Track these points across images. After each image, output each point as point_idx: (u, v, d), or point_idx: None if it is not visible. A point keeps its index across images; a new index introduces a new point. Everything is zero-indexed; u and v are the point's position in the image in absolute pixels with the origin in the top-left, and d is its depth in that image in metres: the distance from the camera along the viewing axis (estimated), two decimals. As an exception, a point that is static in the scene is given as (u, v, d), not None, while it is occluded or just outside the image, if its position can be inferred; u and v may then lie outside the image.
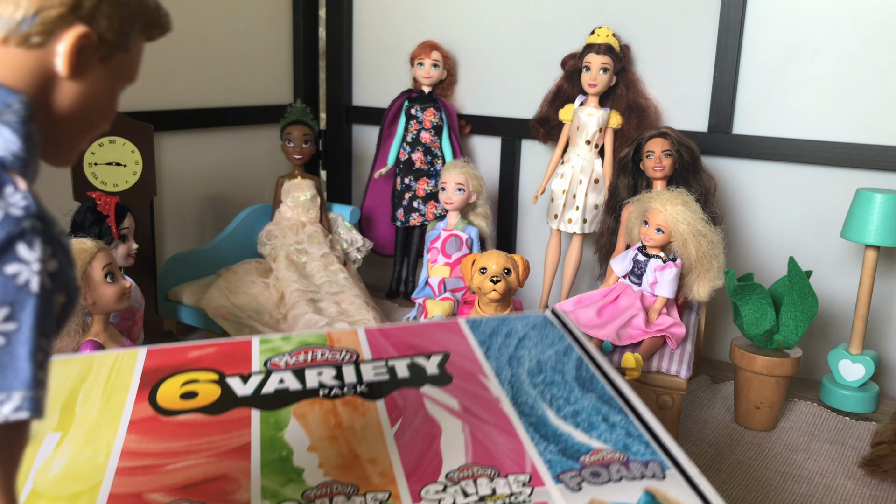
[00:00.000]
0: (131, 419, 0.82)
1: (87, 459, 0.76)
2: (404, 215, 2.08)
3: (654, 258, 1.43)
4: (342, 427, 0.81)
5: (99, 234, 1.42)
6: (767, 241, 1.79)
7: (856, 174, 1.67)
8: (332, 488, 0.72)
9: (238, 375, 0.89)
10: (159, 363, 0.91)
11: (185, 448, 0.78)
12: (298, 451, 0.78)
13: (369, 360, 0.94)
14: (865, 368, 1.52)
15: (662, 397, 1.39)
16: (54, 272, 0.46)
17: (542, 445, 0.80)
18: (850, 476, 1.27)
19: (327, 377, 0.90)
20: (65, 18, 0.48)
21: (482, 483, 0.74)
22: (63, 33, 0.48)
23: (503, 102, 2.09)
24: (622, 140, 1.82)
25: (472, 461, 0.77)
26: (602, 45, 1.77)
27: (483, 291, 1.35)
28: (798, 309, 1.41)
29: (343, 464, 0.76)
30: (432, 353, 0.96)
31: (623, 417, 0.85)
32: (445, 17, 2.14)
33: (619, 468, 0.76)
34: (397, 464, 0.76)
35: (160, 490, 0.72)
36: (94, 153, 1.55)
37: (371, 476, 0.74)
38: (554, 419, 0.84)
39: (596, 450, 0.79)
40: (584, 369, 0.94)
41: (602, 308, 1.44)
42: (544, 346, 0.99)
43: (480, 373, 0.93)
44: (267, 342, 0.96)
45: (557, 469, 0.76)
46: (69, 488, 0.72)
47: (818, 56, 1.68)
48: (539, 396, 0.88)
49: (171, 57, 1.94)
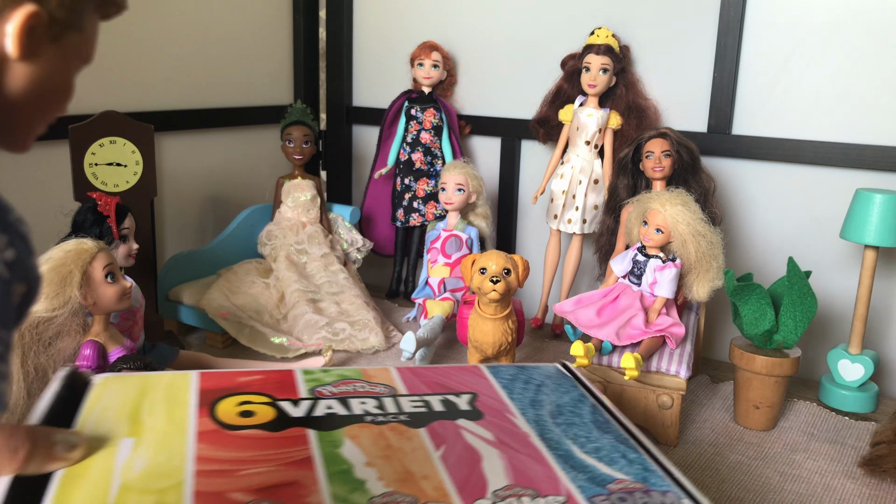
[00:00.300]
0: (198, 431, 0.88)
1: (165, 462, 0.82)
2: (404, 215, 2.08)
3: (653, 258, 1.43)
4: (392, 448, 0.89)
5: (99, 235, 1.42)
6: (767, 241, 1.80)
7: (855, 174, 1.67)
8: (395, 497, 0.79)
9: (288, 400, 0.98)
10: (212, 385, 0.99)
11: (253, 458, 0.84)
12: (357, 466, 0.84)
13: (405, 394, 1.03)
14: (865, 368, 1.52)
15: (662, 397, 1.39)
16: (11, 261, 0.43)
17: (572, 474, 0.87)
18: (850, 476, 1.27)
19: (370, 406, 0.98)
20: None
21: (525, 501, 0.81)
22: (11, 13, 0.45)
23: (503, 103, 2.09)
24: (622, 140, 1.82)
25: (513, 483, 0.84)
26: (602, 45, 1.77)
27: (483, 291, 1.35)
28: (797, 309, 1.41)
29: (399, 478, 0.83)
30: (461, 392, 1.06)
31: (639, 455, 0.93)
32: (445, 17, 2.14)
33: (641, 495, 0.85)
34: (448, 481, 0.83)
35: (240, 490, 0.77)
36: (95, 154, 1.55)
37: (426, 490, 0.81)
38: (579, 453, 0.92)
39: (620, 479, 0.87)
40: (599, 414, 1.04)
41: (602, 308, 1.44)
42: (560, 393, 1.09)
43: (507, 412, 1.01)
44: (309, 373, 1.05)
45: (588, 493, 0.83)
46: (155, 483, 0.78)
47: (818, 57, 1.68)
48: (563, 434, 0.97)
49: (172, 57, 1.95)
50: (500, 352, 1.41)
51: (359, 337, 1.71)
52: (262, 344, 1.66)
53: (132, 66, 1.85)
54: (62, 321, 1.14)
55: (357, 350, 1.69)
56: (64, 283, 1.14)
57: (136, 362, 1.15)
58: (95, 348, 1.17)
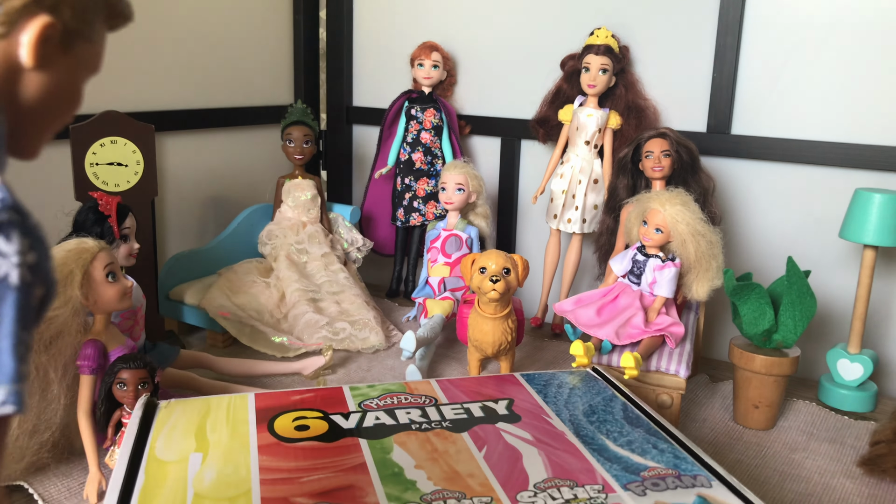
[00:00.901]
0: (259, 444, 0.97)
1: (231, 473, 0.90)
2: (404, 215, 2.09)
3: (653, 258, 1.43)
4: (438, 452, 0.97)
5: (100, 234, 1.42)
6: (766, 240, 1.80)
7: (854, 174, 1.68)
8: (444, 494, 0.87)
9: (339, 414, 1.07)
10: (268, 404, 1.09)
11: (311, 466, 0.93)
12: (407, 469, 0.93)
13: (446, 403, 1.12)
14: (864, 368, 1.52)
15: (661, 396, 1.39)
16: (33, 264, 0.44)
17: (607, 465, 0.96)
18: (849, 475, 1.27)
19: (415, 416, 1.07)
20: (29, 8, 0.46)
21: (565, 491, 0.89)
22: (27, 23, 0.46)
23: (503, 103, 2.09)
24: (621, 140, 1.82)
25: (552, 476, 0.93)
26: (601, 45, 1.77)
27: (483, 291, 1.35)
28: (797, 308, 1.41)
29: (447, 477, 0.91)
30: (499, 398, 1.14)
31: (669, 445, 1.02)
32: (445, 17, 2.14)
33: (673, 480, 0.93)
34: (492, 478, 0.91)
35: (303, 495, 0.86)
36: (96, 153, 1.55)
37: (473, 486, 0.89)
38: (612, 446, 1.01)
39: (652, 467, 0.96)
40: (630, 411, 1.12)
41: (601, 308, 1.45)
42: (592, 395, 1.18)
43: (543, 413, 1.10)
44: (356, 389, 1.15)
45: (623, 481, 0.92)
46: (225, 492, 0.86)
47: (817, 56, 1.69)
48: (596, 430, 1.06)
49: (172, 57, 1.95)
50: (499, 351, 1.41)
51: (359, 336, 1.71)
52: (262, 343, 1.66)
53: (133, 66, 1.85)
54: (63, 321, 1.14)
55: (357, 349, 1.69)
56: (65, 283, 1.14)
57: (137, 362, 1.15)
58: (96, 348, 1.17)
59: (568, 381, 1.23)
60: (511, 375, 1.24)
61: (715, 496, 0.90)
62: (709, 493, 0.90)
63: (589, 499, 0.87)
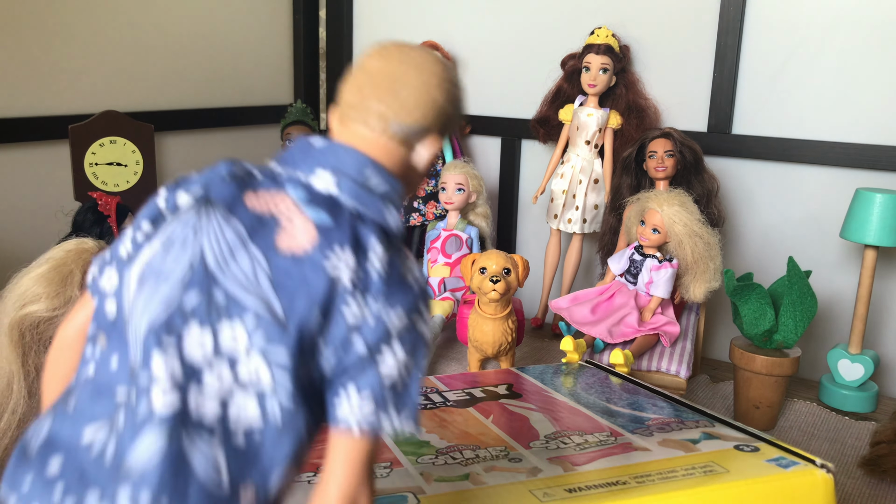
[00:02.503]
0: None
1: None
2: (404, 215, 2.08)
3: (650, 258, 1.43)
4: (447, 421, 1.00)
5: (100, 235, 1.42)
6: (767, 240, 1.80)
7: (855, 174, 1.67)
8: (459, 447, 0.91)
9: None
10: None
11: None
12: (418, 435, 0.93)
13: (447, 390, 1.14)
14: (865, 368, 1.52)
15: (662, 397, 1.39)
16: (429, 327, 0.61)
17: (612, 419, 1.00)
18: (849, 476, 1.27)
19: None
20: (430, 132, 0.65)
21: (574, 437, 0.93)
22: (426, 140, 0.65)
23: (503, 102, 2.09)
24: (622, 140, 1.82)
25: (560, 429, 0.96)
26: (602, 45, 1.77)
27: (483, 291, 1.35)
28: (797, 309, 1.41)
29: (459, 437, 0.94)
30: (499, 384, 1.17)
31: (668, 403, 1.06)
32: (445, 17, 2.14)
33: (677, 424, 0.97)
34: (503, 434, 0.95)
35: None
36: (95, 153, 1.55)
37: (486, 441, 0.92)
38: (615, 407, 1.05)
39: (655, 418, 1.00)
40: (626, 384, 1.17)
41: (596, 306, 1.45)
42: (588, 377, 1.22)
43: (543, 391, 1.13)
44: None
45: (630, 428, 0.96)
46: None
47: (818, 56, 1.68)
48: (597, 397, 1.10)
49: (172, 57, 1.95)
50: (500, 352, 1.41)
51: (359, 337, 1.71)
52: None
53: (132, 66, 1.85)
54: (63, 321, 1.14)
55: (357, 350, 1.69)
56: (64, 283, 1.14)
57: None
58: (96, 348, 1.17)
59: (562, 369, 1.26)
60: (508, 369, 1.25)
61: (719, 431, 0.94)
62: (712, 430, 0.94)
63: (599, 441, 0.91)
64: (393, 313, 0.57)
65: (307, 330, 0.54)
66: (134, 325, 0.55)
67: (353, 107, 0.63)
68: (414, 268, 0.61)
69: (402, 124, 0.62)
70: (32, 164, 1.66)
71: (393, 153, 0.64)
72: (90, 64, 1.74)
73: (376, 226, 0.60)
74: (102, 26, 1.76)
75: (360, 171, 0.61)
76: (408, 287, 0.59)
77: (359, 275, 0.56)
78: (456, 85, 0.67)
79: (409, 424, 0.58)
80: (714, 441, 0.90)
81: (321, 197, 0.59)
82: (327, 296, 0.55)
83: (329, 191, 0.60)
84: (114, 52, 1.80)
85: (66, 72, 1.69)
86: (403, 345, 0.57)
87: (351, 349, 0.55)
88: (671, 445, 0.89)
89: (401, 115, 0.62)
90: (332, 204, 0.59)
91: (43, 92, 1.65)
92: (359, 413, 0.56)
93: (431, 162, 0.67)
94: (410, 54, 0.64)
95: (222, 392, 0.54)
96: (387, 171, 0.63)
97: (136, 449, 0.52)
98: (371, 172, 0.62)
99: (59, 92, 1.68)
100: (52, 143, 1.66)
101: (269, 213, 0.58)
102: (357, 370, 0.56)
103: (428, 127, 0.64)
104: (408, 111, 0.62)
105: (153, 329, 0.54)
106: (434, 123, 0.64)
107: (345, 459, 0.56)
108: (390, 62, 0.63)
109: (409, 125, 0.63)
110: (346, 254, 0.56)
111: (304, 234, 0.57)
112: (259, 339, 0.54)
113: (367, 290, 0.56)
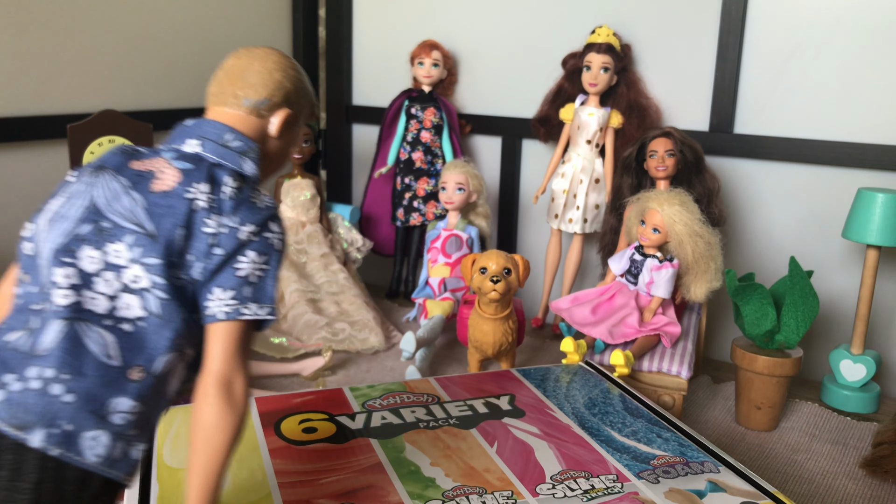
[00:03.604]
0: (269, 448, 0.97)
1: (247, 478, 0.91)
2: (404, 215, 2.08)
3: (650, 258, 1.42)
4: (451, 448, 0.98)
5: (98, 234, 1.42)
6: (769, 240, 1.79)
7: (857, 174, 1.67)
8: (465, 490, 0.89)
9: (345, 415, 1.06)
10: (271, 407, 1.08)
11: (327, 468, 0.93)
12: (423, 467, 0.94)
13: (449, 401, 1.12)
14: (867, 369, 1.52)
15: (663, 397, 1.38)
16: (283, 240, 0.78)
17: (617, 455, 0.98)
18: (852, 476, 1.27)
19: (420, 414, 1.07)
20: (280, 104, 0.84)
21: (581, 482, 0.91)
22: (278, 112, 0.84)
23: (504, 102, 2.09)
24: (623, 139, 1.81)
25: (566, 468, 0.94)
26: (603, 44, 1.76)
27: (483, 291, 1.34)
28: (799, 309, 1.41)
29: (464, 473, 0.92)
30: (500, 394, 1.15)
31: (672, 434, 1.04)
32: (446, 16, 2.13)
33: (682, 467, 0.95)
34: (508, 473, 0.93)
35: (324, 497, 0.87)
36: (94, 153, 1.54)
37: (491, 481, 0.91)
38: (619, 437, 1.03)
39: (660, 455, 0.98)
40: (629, 402, 1.14)
41: (597, 306, 1.44)
42: (590, 388, 1.19)
43: (546, 408, 1.11)
44: (356, 389, 1.15)
45: (635, 470, 0.94)
46: (246, 497, 0.88)
47: (819, 56, 1.68)
48: (601, 422, 1.07)
49: (171, 57, 1.94)
50: (500, 352, 1.41)
51: (359, 337, 1.70)
52: (261, 344, 1.65)
53: (131, 66, 1.84)
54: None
55: (357, 350, 1.69)
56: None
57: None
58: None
59: (563, 374, 1.24)
60: (508, 371, 1.24)
61: (725, 481, 0.92)
62: (717, 478, 0.93)
63: (606, 488, 0.89)
64: (243, 228, 0.74)
65: (174, 242, 0.73)
66: (44, 254, 0.73)
67: (216, 94, 0.84)
68: (265, 197, 0.78)
69: (250, 99, 0.82)
70: (30, 163, 1.66)
71: (247, 122, 0.83)
72: (89, 64, 1.74)
73: (232, 171, 0.78)
74: (101, 26, 1.75)
75: (220, 136, 0.80)
76: (257, 209, 0.76)
77: (213, 201, 0.75)
78: (295, 69, 0.86)
79: (265, 312, 0.75)
80: (720, 495, 0.89)
81: (188, 154, 0.79)
82: (188, 216, 0.74)
83: (195, 151, 0.79)
84: (112, 51, 1.79)
85: (65, 71, 1.69)
86: (255, 250, 0.75)
87: (213, 257, 0.73)
88: (677, 500, 0.88)
89: (249, 93, 0.82)
90: (196, 158, 0.78)
91: (42, 91, 1.65)
92: (223, 305, 0.73)
93: (287, 129, 0.86)
94: (255, 51, 0.86)
95: (111, 291, 0.72)
96: (242, 134, 0.81)
97: (44, 337, 0.70)
98: (230, 137, 0.81)
99: (57, 91, 1.68)
100: (50, 142, 1.66)
101: (148, 170, 0.77)
102: (219, 273, 0.73)
103: (274, 100, 0.83)
104: (255, 90, 0.83)
105: (56, 252, 0.72)
106: (279, 98, 0.84)
107: (217, 344, 0.73)
108: (240, 59, 0.85)
109: (258, 100, 0.82)
110: (203, 186, 0.75)
111: (171, 177, 0.76)
112: (137, 252, 0.72)
113: (222, 212, 0.75)
